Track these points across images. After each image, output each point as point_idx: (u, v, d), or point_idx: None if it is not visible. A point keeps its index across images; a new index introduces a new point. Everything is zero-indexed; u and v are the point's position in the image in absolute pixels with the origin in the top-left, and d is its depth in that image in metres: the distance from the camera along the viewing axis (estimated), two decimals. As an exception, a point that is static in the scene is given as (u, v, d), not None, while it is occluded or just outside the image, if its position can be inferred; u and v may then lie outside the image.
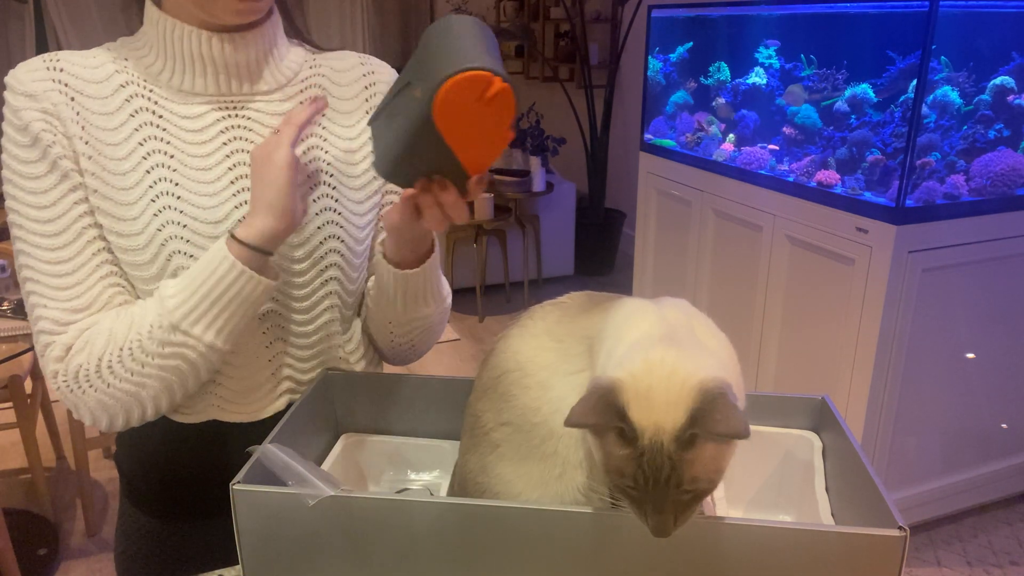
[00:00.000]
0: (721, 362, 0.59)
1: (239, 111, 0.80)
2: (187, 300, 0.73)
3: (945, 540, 2.22)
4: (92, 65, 0.78)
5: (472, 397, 0.76)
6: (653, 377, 0.54)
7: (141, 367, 0.73)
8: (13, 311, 1.99)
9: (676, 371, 0.54)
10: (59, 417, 2.71)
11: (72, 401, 0.75)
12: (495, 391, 0.72)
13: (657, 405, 0.53)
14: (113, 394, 0.74)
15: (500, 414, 0.70)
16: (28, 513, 2.36)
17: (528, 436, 0.68)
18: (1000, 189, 2.00)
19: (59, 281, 0.74)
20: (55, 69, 0.75)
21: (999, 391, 2.21)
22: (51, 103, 0.74)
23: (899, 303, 1.95)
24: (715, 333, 0.64)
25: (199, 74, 0.79)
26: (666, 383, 0.54)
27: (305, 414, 0.81)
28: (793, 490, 0.81)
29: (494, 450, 0.71)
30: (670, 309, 0.64)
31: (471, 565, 0.64)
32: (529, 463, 0.68)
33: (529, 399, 0.68)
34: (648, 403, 0.53)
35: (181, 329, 0.73)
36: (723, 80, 2.63)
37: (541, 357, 0.70)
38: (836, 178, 2.10)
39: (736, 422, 0.52)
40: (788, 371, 2.32)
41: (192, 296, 0.73)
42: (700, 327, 0.64)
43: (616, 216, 4.53)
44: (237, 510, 0.64)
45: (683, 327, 0.61)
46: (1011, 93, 2.00)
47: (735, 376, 0.61)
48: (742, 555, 0.59)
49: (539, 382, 0.69)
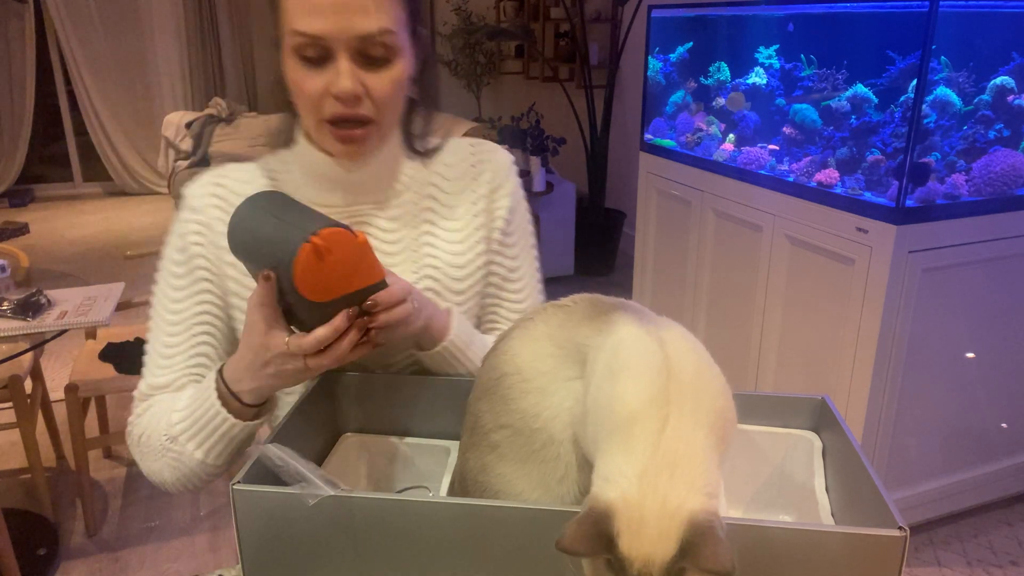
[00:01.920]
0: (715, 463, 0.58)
1: (360, 220, 0.93)
2: (186, 419, 0.83)
3: (945, 540, 2.22)
4: (247, 180, 0.93)
5: (472, 396, 0.75)
6: (645, 506, 0.54)
7: (154, 454, 0.86)
8: (13, 311, 1.98)
9: (668, 500, 0.54)
10: (59, 417, 2.71)
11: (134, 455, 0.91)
12: (495, 393, 0.71)
13: (648, 537, 0.53)
14: (145, 463, 0.88)
15: (499, 416, 0.70)
16: (28, 513, 2.36)
17: (528, 440, 0.68)
18: (1000, 189, 2.00)
19: (159, 361, 0.90)
20: (218, 185, 0.92)
21: (999, 391, 2.21)
22: (208, 216, 0.90)
23: (899, 303, 1.95)
24: (707, 373, 0.63)
25: (327, 190, 0.91)
26: (658, 514, 0.54)
27: (305, 414, 0.81)
28: (793, 490, 0.81)
29: (494, 450, 0.71)
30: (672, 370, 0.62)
31: (471, 565, 0.64)
32: (530, 464, 0.68)
33: (528, 404, 0.68)
34: (639, 535, 0.53)
35: (179, 442, 0.83)
36: (723, 80, 2.63)
37: (541, 362, 0.69)
38: (836, 178, 2.10)
39: (724, 559, 0.52)
40: (788, 371, 2.32)
41: (189, 417, 0.83)
42: (694, 367, 0.62)
43: (616, 216, 4.53)
44: (237, 510, 0.64)
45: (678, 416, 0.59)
46: (1011, 93, 2.00)
47: (730, 428, 0.61)
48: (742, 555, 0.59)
49: (538, 387, 0.68)
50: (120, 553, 2.23)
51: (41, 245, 5.28)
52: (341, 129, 0.83)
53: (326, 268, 0.69)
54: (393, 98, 0.84)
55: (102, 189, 6.71)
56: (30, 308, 2.00)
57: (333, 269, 0.70)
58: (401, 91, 0.85)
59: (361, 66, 0.80)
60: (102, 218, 6.00)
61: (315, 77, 0.80)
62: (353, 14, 0.77)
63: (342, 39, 0.78)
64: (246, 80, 6.62)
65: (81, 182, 6.72)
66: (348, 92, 0.79)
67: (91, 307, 2.07)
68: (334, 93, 0.80)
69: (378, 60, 0.81)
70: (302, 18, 0.78)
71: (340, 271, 0.71)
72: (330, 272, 0.70)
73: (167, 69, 6.37)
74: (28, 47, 5.98)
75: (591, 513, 0.55)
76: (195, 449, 0.83)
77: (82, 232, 5.61)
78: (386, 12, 0.79)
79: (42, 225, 5.80)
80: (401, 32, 0.81)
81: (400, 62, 0.82)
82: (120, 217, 6.03)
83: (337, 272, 0.70)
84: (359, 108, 0.82)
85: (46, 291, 2.10)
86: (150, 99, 6.41)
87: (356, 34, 0.78)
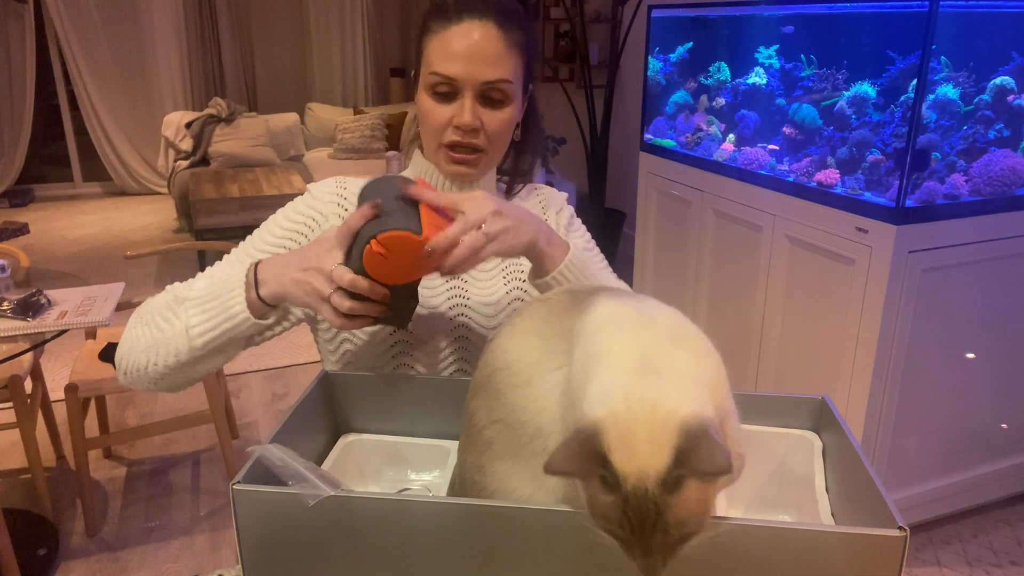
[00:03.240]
0: (703, 386, 0.57)
1: None
2: (205, 289, 0.90)
3: (945, 540, 2.22)
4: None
5: (468, 395, 0.76)
6: (634, 417, 0.53)
7: (149, 315, 0.94)
8: (13, 311, 1.98)
9: (657, 409, 0.53)
10: (59, 417, 2.71)
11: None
12: (486, 389, 0.72)
13: (640, 448, 0.52)
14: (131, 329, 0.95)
15: (491, 412, 0.71)
16: (28, 513, 2.36)
17: (518, 434, 0.69)
18: (1000, 189, 2.00)
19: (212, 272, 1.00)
20: (341, 187, 1.05)
21: (999, 391, 2.21)
22: (326, 210, 1.03)
23: (899, 303, 1.95)
24: (701, 350, 0.62)
25: None
26: (648, 423, 0.52)
27: (305, 414, 0.81)
28: (793, 490, 0.81)
29: (488, 448, 0.71)
30: (649, 323, 0.62)
31: (471, 565, 0.64)
32: (521, 460, 0.68)
33: (517, 397, 0.69)
34: (630, 447, 0.52)
35: (184, 306, 0.90)
36: (723, 80, 2.63)
37: (528, 355, 0.70)
38: (836, 178, 2.10)
39: (720, 459, 0.51)
40: (788, 371, 2.32)
41: (208, 287, 0.90)
42: (685, 344, 0.61)
43: (616, 216, 4.53)
44: (237, 510, 0.65)
45: (657, 347, 0.59)
46: (1011, 93, 2.00)
47: (722, 396, 0.60)
48: (742, 555, 0.59)
49: (526, 380, 0.69)
50: (120, 553, 2.23)
51: (41, 245, 5.28)
52: (457, 153, 1.00)
53: (388, 264, 0.80)
54: (503, 135, 1.02)
55: (102, 189, 6.71)
56: (30, 308, 2.00)
57: (394, 265, 0.80)
58: (509, 131, 1.03)
59: (481, 105, 0.98)
60: (102, 218, 6.00)
61: (443, 109, 0.98)
62: (481, 64, 0.95)
63: (469, 82, 0.96)
64: (246, 80, 6.62)
65: (81, 182, 6.72)
66: (468, 124, 0.97)
67: (91, 307, 2.07)
68: (456, 123, 0.97)
69: (495, 102, 0.98)
70: (440, 62, 0.96)
71: (401, 267, 0.81)
72: (391, 267, 0.80)
73: (167, 69, 6.37)
74: (28, 47, 5.97)
75: (579, 432, 0.54)
76: (190, 316, 0.88)
77: (82, 232, 5.61)
78: (507, 65, 0.97)
79: (42, 225, 5.80)
80: (517, 82, 0.99)
81: (512, 107, 1.00)
82: (120, 217, 6.03)
83: (397, 267, 0.80)
84: (474, 138, 0.99)
85: (46, 291, 2.10)
86: (150, 99, 6.41)
87: (481, 80, 0.96)
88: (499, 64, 0.96)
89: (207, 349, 0.89)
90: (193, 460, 2.72)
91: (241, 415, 2.97)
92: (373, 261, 0.79)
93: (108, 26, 6.18)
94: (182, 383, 0.96)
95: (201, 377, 0.96)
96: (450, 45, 0.95)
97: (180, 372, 0.92)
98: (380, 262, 0.79)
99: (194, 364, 0.91)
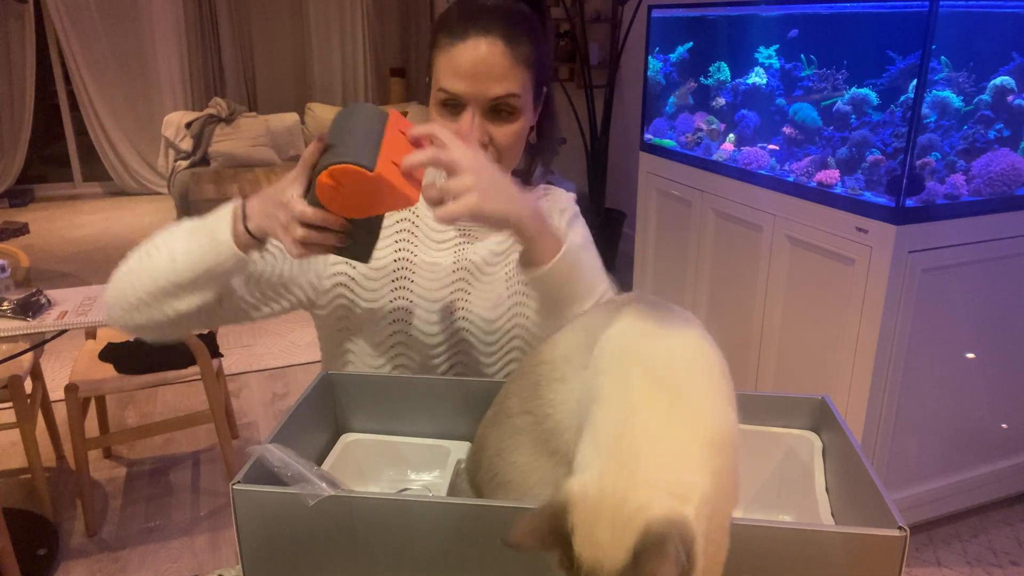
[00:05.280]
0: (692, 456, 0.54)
1: (476, 236, 1.08)
2: (195, 222, 0.90)
3: (945, 540, 2.22)
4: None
5: (514, 374, 0.77)
6: (603, 504, 0.51)
7: (143, 248, 0.92)
8: (13, 311, 1.98)
9: (626, 503, 0.51)
10: (59, 417, 2.71)
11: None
12: (528, 378, 0.72)
13: (601, 538, 0.50)
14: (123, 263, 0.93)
15: (526, 402, 0.71)
16: (28, 513, 2.36)
17: (542, 429, 0.69)
18: (1000, 189, 2.00)
19: None
20: None
21: (999, 391, 2.21)
22: None
23: (899, 303, 1.95)
24: (709, 390, 0.59)
25: None
26: (612, 517, 0.50)
27: (305, 414, 0.81)
28: (793, 490, 0.81)
29: (513, 436, 0.71)
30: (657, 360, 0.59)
31: (471, 565, 0.64)
32: (543, 457, 0.69)
33: (552, 392, 0.69)
34: (592, 535, 0.51)
35: (173, 236, 0.90)
36: (723, 80, 2.63)
37: (570, 351, 0.70)
38: (836, 178, 2.10)
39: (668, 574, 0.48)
40: (788, 371, 2.32)
41: (198, 222, 0.89)
42: (692, 385, 0.58)
43: (616, 216, 4.53)
44: (237, 510, 0.65)
45: (653, 404, 0.56)
46: (1011, 93, 2.00)
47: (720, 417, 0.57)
48: (742, 555, 0.59)
49: (561, 376, 0.69)
50: (120, 553, 2.23)
51: (41, 245, 5.28)
52: None
53: (340, 196, 0.78)
54: (513, 146, 1.00)
55: (102, 189, 6.71)
56: (30, 308, 2.00)
57: (347, 198, 0.78)
58: (521, 142, 1.01)
59: (489, 119, 0.97)
60: (102, 218, 6.00)
61: (452, 124, 0.96)
62: (487, 80, 0.94)
63: (476, 99, 0.95)
64: (246, 80, 6.62)
65: (81, 182, 6.72)
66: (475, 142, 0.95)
67: (91, 307, 2.07)
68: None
69: (503, 115, 0.97)
70: (447, 79, 0.95)
71: (355, 200, 0.79)
72: (345, 199, 0.79)
73: (167, 69, 6.37)
74: (28, 47, 5.97)
75: (550, 505, 0.53)
76: (176, 241, 0.89)
77: (82, 232, 5.61)
78: (515, 79, 0.95)
79: (42, 225, 5.79)
80: (526, 95, 0.98)
81: (523, 118, 0.99)
82: (120, 217, 6.03)
83: (351, 200, 0.79)
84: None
85: (46, 291, 2.10)
86: (150, 99, 6.41)
87: (488, 96, 0.95)
88: (506, 79, 0.95)
89: (186, 277, 0.88)
90: (193, 460, 2.72)
91: (241, 415, 2.97)
92: (324, 193, 0.78)
93: (108, 26, 6.18)
94: (154, 325, 0.92)
95: (173, 324, 0.92)
96: (456, 62, 0.94)
97: (155, 303, 0.90)
98: (332, 194, 0.78)
99: (170, 295, 0.89)
